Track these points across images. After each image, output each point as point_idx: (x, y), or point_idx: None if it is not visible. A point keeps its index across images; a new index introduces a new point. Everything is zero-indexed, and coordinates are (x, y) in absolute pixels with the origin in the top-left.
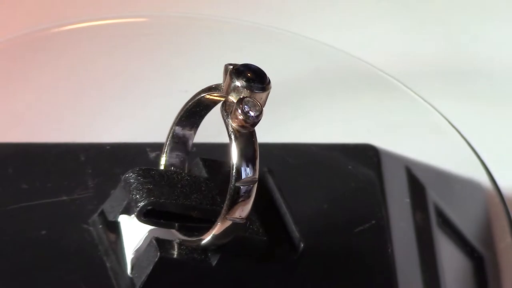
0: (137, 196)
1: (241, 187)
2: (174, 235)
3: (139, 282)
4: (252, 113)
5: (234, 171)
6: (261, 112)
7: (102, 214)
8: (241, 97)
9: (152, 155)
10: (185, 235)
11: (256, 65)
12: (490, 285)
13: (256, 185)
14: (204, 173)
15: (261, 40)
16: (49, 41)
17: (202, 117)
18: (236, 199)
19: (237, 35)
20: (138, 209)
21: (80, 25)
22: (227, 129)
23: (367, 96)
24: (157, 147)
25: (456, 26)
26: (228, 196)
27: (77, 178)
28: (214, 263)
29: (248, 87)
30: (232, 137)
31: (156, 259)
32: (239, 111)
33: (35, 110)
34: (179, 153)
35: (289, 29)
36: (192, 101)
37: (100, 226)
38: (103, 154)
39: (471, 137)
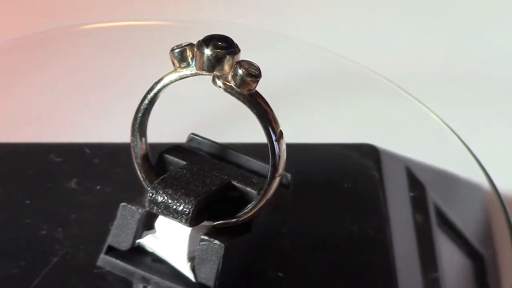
0: (180, 205)
1: (277, 143)
2: (205, 225)
3: (212, 281)
4: (256, 72)
5: (265, 131)
6: (259, 69)
7: (111, 249)
8: (237, 61)
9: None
10: (216, 220)
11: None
12: (490, 285)
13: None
14: (180, 162)
15: (264, 45)
16: (49, 43)
17: (151, 110)
18: (278, 155)
19: (238, 39)
20: (190, 215)
21: (81, 27)
22: (239, 98)
23: (366, 99)
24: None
25: (453, 29)
26: (272, 156)
27: (47, 241)
28: (251, 229)
29: (228, 53)
30: (249, 103)
31: (223, 251)
32: (242, 73)
33: (35, 110)
34: (146, 157)
35: (291, 34)
36: (149, 97)
37: (118, 260)
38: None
39: (469, 138)
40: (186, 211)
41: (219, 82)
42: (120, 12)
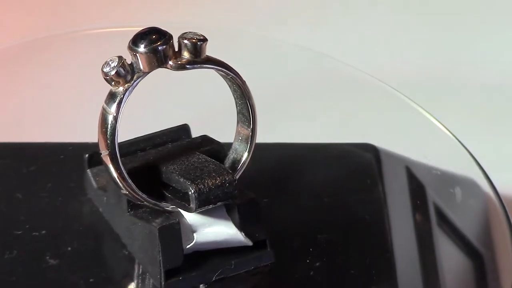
0: (225, 186)
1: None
2: None
3: (263, 233)
4: (202, 36)
5: (236, 78)
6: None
7: (169, 273)
8: (180, 38)
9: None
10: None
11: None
12: (489, 285)
13: None
14: (148, 165)
15: (264, 49)
16: (50, 47)
17: None
18: (250, 95)
19: (237, 44)
20: (237, 190)
21: (82, 33)
22: (205, 66)
23: (366, 101)
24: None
25: (451, 31)
26: (248, 98)
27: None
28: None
29: (169, 40)
30: (213, 65)
31: (260, 208)
32: (195, 43)
33: (35, 110)
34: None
35: (293, 40)
36: (112, 120)
37: (181, 277)
38: None
39: (469, 139)
40: (231, 187)
41: (183, 65)
42: (119, 18)
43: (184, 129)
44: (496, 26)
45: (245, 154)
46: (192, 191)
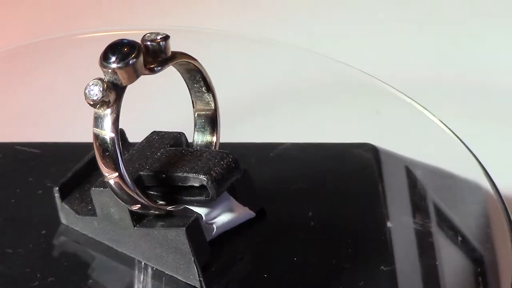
0: (232, 167)
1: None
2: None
3: (260, 201)
4: (164, 33)
5: (197, 65)
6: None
7: (204, 267)
8: (142, 40)
9: None
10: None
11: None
12: (489, 285)
13: None
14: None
15: (266, 51)
16: (50, 49)
17: None
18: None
19: (238, 47)
20: (242, 168)
21: (79, 36)
22: (177, 61)
23: (366, 101)
24: None
25: (450, 32)
26: (207, 80)
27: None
28: None
29: (139, 52)
30: (181, 58)
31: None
32: (160, 44)
33: (35, 110)
34: None
35: (295, 42)
36: (110, 138)
37: (214, 268)
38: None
39: (469, 138)
40: (237, 165)
41: (153, 68)
42: (120, 20)
43: (121, 134)
44: (499, 25)
45: (214, 137)
46: (209, 181)
